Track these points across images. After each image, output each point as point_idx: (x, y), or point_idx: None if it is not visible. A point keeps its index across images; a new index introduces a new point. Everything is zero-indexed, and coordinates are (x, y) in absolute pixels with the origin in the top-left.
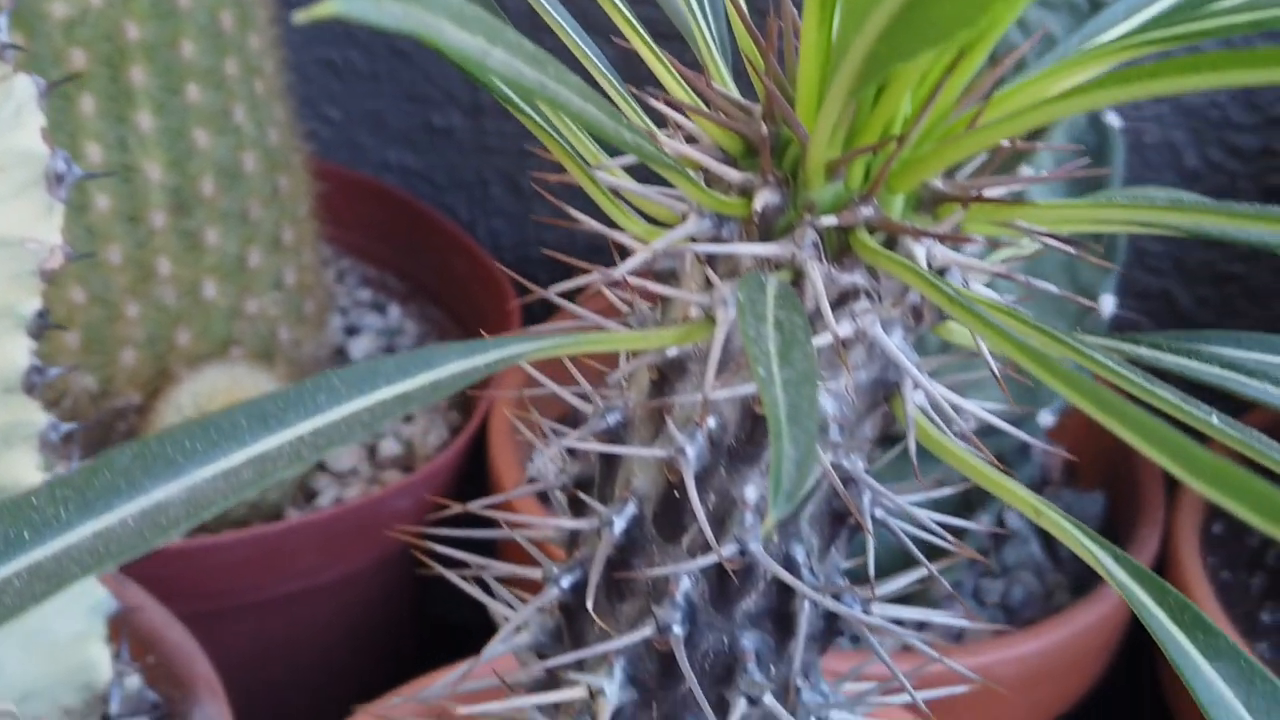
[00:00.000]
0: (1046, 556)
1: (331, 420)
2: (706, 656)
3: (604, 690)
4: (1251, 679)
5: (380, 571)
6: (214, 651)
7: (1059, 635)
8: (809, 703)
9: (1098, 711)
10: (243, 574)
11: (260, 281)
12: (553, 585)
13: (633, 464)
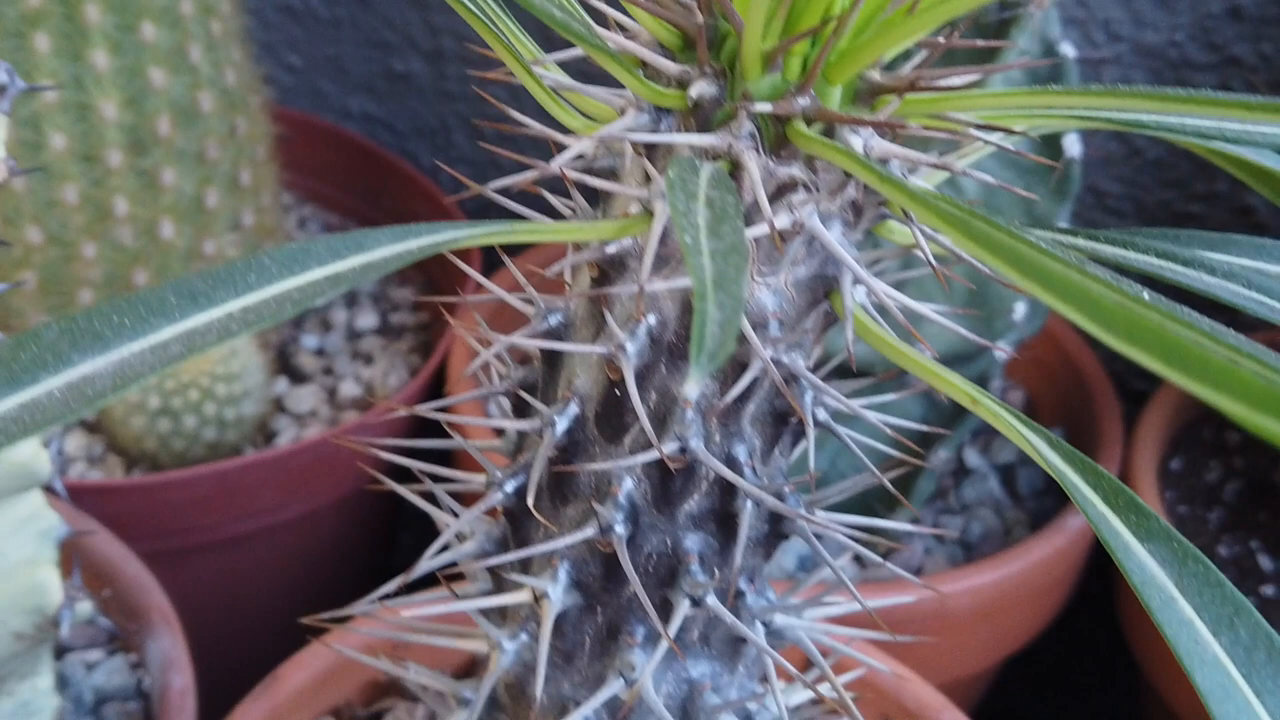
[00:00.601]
0: (1005, 494)
1: (262, 299)
2: (650, 558)
3: (548, 593)
4: (1184, 560)
5: (341, 510)
6: (177, 590)
7: (1015, 567)
8: (753, 606)
9: (1056, 648)
10: (204, 511)
11: (218, 222)
12: (496, 490)
13: (574, 365)
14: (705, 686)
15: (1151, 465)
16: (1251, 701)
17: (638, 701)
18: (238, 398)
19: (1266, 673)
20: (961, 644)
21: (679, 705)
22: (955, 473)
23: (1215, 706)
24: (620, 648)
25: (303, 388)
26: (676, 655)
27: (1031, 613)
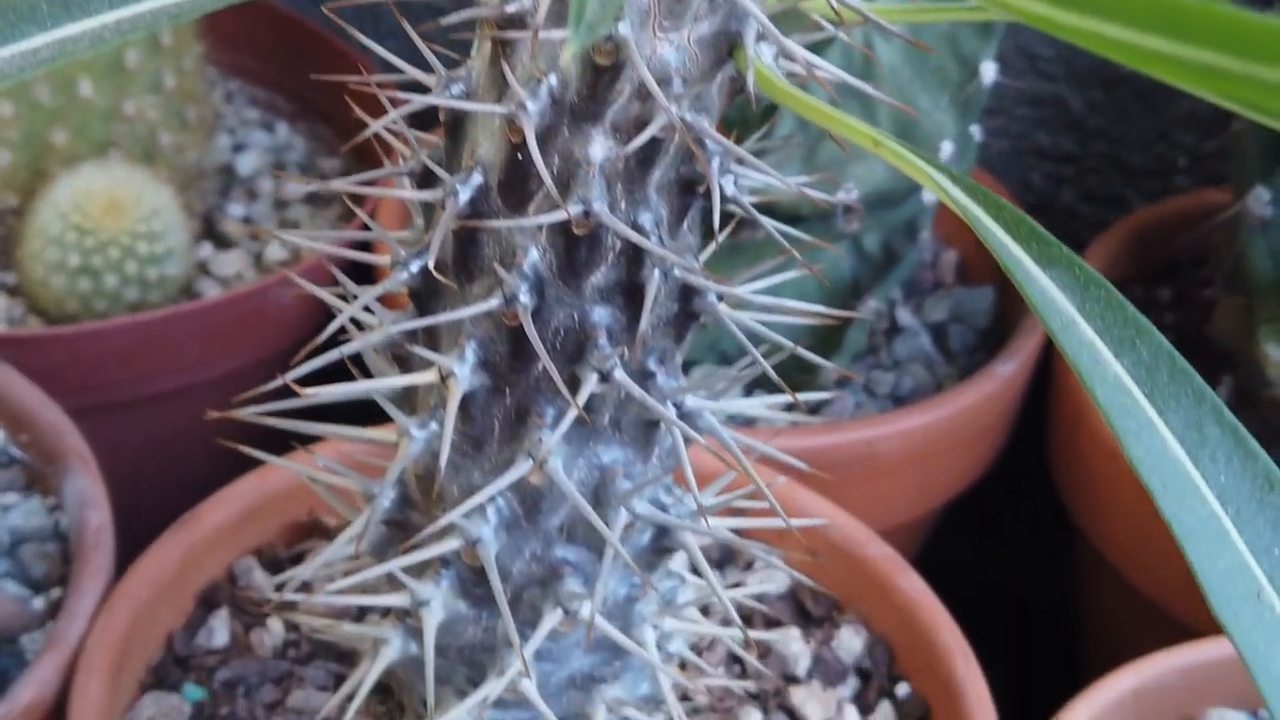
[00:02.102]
0: (937, 350)
1: (138, 11)
2: (557, 334)
3: (454, 372)
4: (1085, 285)
5: (268, 369)
6: (100, 449)
7: (944, 412)
8: (664, 386)
9: (987, 499)
10: (126, 365)
11: (138, 82)
12: (400, 269)
13: (477, 134)
14: (617, 473)
15: None
16: (1153, 419)
17: (548, 485)
18: (160, 257)
19: (1169, 391)
20: (892, 490)
21: (591, 492)
22: (888, 331)
23: (1117, 422)
24: (529, 429)
25: (228, 252)
26: (587, 439)
27: (963, 461)
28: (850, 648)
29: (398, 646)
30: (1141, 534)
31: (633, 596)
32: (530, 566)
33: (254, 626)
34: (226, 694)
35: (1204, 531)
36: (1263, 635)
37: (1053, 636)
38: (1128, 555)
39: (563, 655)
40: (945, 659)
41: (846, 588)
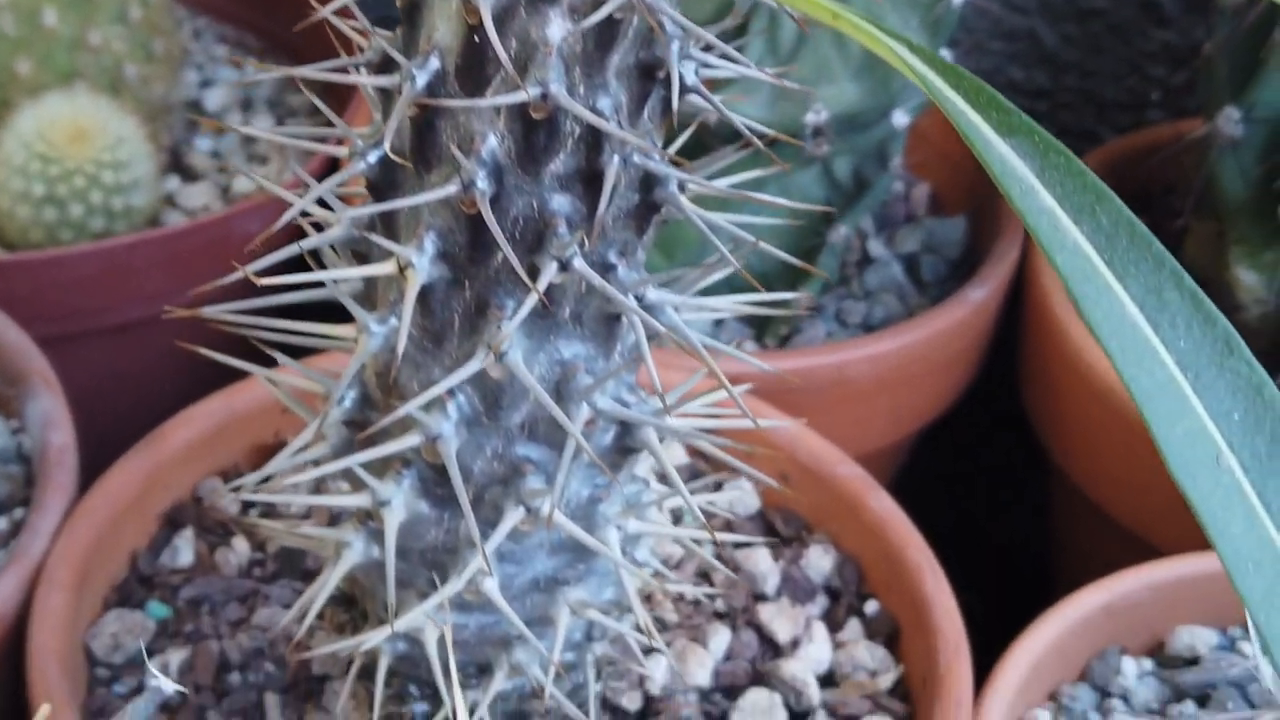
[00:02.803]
0: (909, 280)
1: None
2: (516, 223)
3: (413, 263)
4: (1045, 152)
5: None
6: (66, 380)
7: (914, 336)
8: (624, 279)
9: (958, 427)
10: (90, 294)
11: (103, 12)
12: (358, 159)
13: (434, 18)
14: (578, 368)
15: None
16: (1112, 284)
17: (509, 379)
18: (125, 187)
19: (1128, 257)
20: (864, 416)
21: (552, 387)
22: (859, 262)
23: (1076, 288)
24: (489, 323)
25: (195, 185)
26: (548, 334)
27: (934, 387)
28: (819, 567)
29: (359, 550)
30: (1113, 460)
31: (596, 497)
32: (492, 465)
33: (219, 546)
34: (191, 611)
35: (1163, 395)
36: (1221, 499)
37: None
38: (1099, 481)
39: (525, 557)
40: (914, 575)
41: (816, 508)
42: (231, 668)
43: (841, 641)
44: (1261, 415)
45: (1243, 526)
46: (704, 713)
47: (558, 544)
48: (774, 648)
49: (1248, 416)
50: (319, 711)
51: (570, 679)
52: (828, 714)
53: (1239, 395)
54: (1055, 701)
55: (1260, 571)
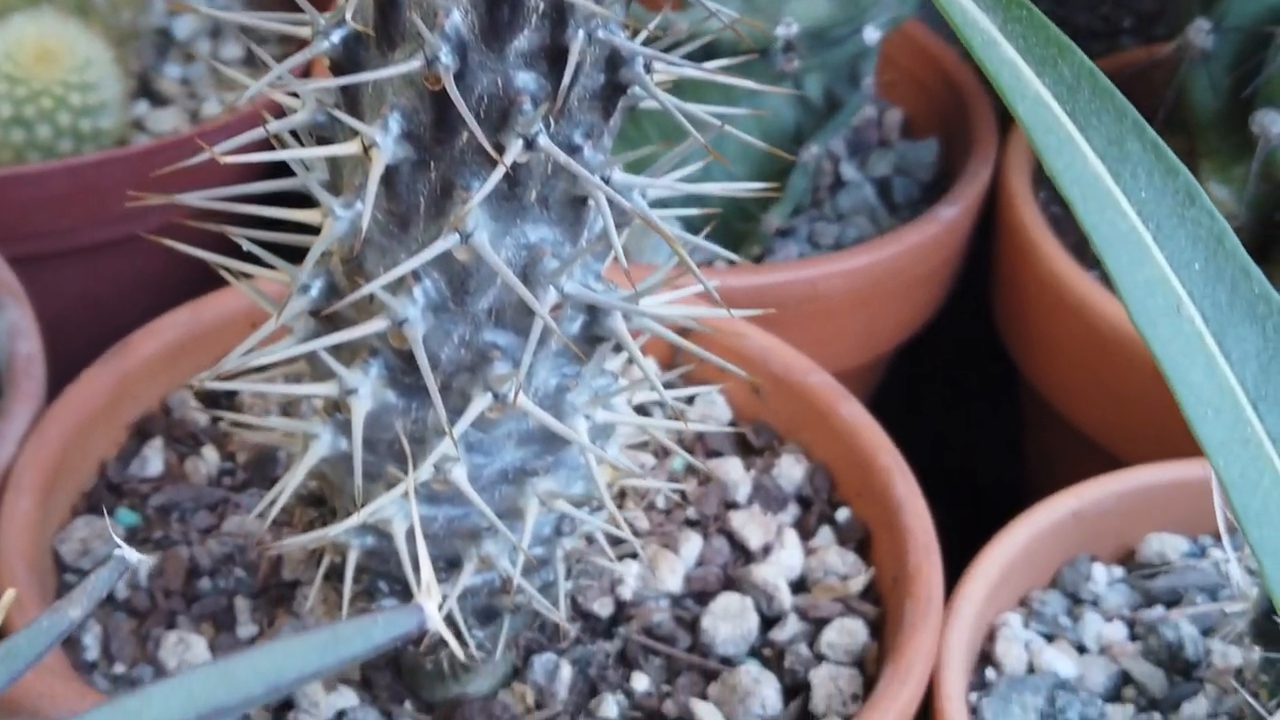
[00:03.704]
0: (881, 202)
1: None
2: (481, 101)
3: (377, 142)
4: (1008, 6)
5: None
6: (35, 303)
7: (887, 252)
8: (590, 160)
9: (932, 348)
10: (58, 214)
11: None
12: (321, 39)
13: None
14: (545, 252)
15: (1026, 170)
16: (1074, 135)
17: (476, 263)
18: (94, 109)
19: (1090, 109)
20: (837, 333)
21: (519, 271)
22: (831, 185)
23: (1038, 139)
24: (455, 204)
25: (164, 110)
26: (514, 218)
27: (907, 306)
28: (791, 476)
29: (327, 442)
30: (1084, 376)
31: (564, 386)
32: (459, 352)
33: (188, 456)
34: (160, 519)
35: (1124, 244)
36: (1181, 347)
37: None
38: (1071, 397)
39: (494, 448)
40: (884, 480)
41: (788, 418)
42: (201, 573)
43: (813, 548)
44: (1223, 266)
45: (1203, 374)
46: (675, 618)
47: (526, 434)
48: (745, 554)
49: (1209, 267)
50: (289, 616)
51: (540, 576)
52: (799, 617)
53: (1200, 245)
54: (1026, 607)
55: (1219, 418)
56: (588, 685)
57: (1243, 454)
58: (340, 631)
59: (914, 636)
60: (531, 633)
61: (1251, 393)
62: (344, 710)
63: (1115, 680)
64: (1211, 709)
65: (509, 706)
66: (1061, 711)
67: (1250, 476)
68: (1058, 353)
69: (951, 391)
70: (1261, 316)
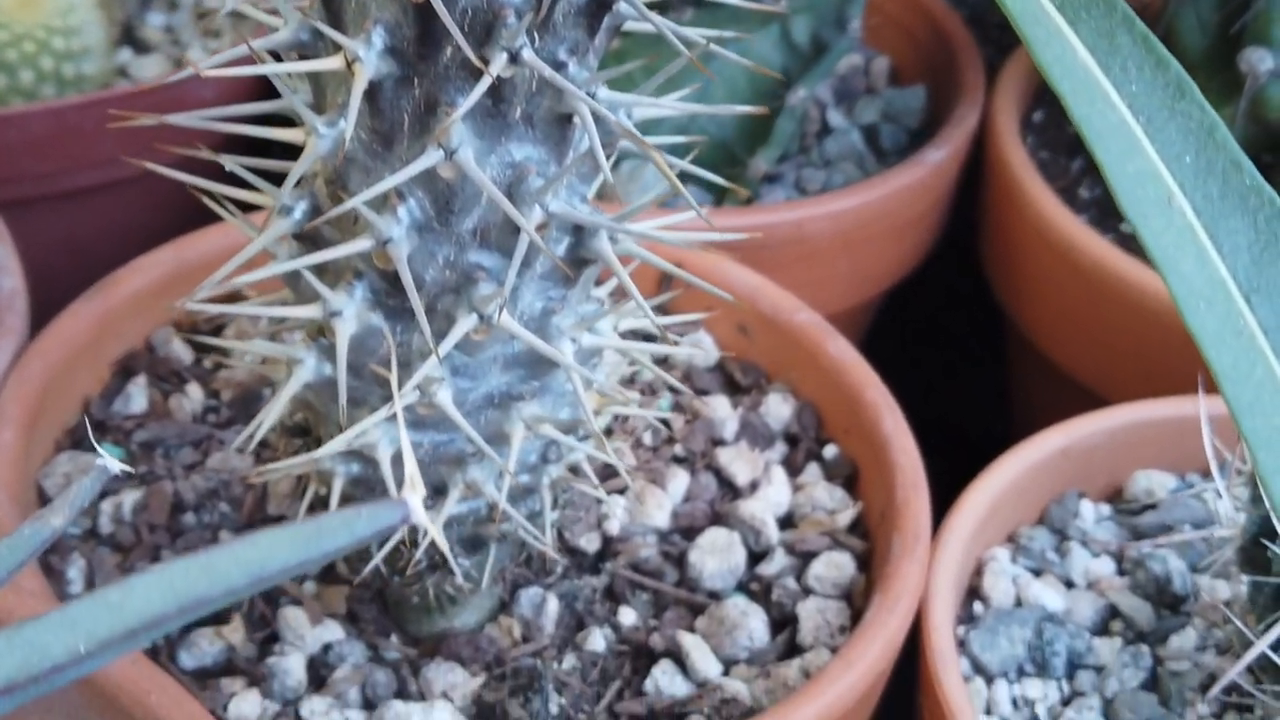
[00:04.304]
0: (868, 148)
1: None
2: (465, 14)
3: (360, 56)
4: None
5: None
6: (20, 249)
7: (874, 194)
8: (575, 76)
9: (919, 293)
10: (41, 157)
11: None
12: None
13: None
14: (530, 170)
15: (1014, 117)
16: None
17: (460, 181)
18: (77, 54)
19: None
20: (824, 277)
21: (504, 190)
22: (819, 132)
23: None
24: (439, 121)
25: (148, 57)
26: (499, 135)
27: (894, 250)
28: (778, 414)
29: (311, 367)
30: (1072, 318)
31: (550, 309)
32: (444, 273)
33: (172, 394)
34: (145, 454)
35: (1115, 137)
36: (1173, 239)
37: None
38: (1058, 341)
39: (479, 372)
40: (872, 415)
41: (775, 357)
42: (186, 508)
43: (800, 484)
44: (1213, 158)
45: (1194, 266)
46: (663, 553)
47: (511, 359)
48: (733, 490)
49: (1199, 160)
50: None
51: (526, 504)
52: (786, 552)
53: (1191, 138)
54: (1013, 543)
55: (1211, 309)
56: (574, 619)
57: (1235, 345)
58: (324, 524)
59: (902, 568)
60: (518, 568)
61: (1243, 285)
62: (330, 643)
63: (1103, 614)
64: (1199, 642)
65: (495, 640)
66: (1049, 644)
67: (1242, 368)
68: (1045, 297)
69: (939, 340)
70: (1253, 209)
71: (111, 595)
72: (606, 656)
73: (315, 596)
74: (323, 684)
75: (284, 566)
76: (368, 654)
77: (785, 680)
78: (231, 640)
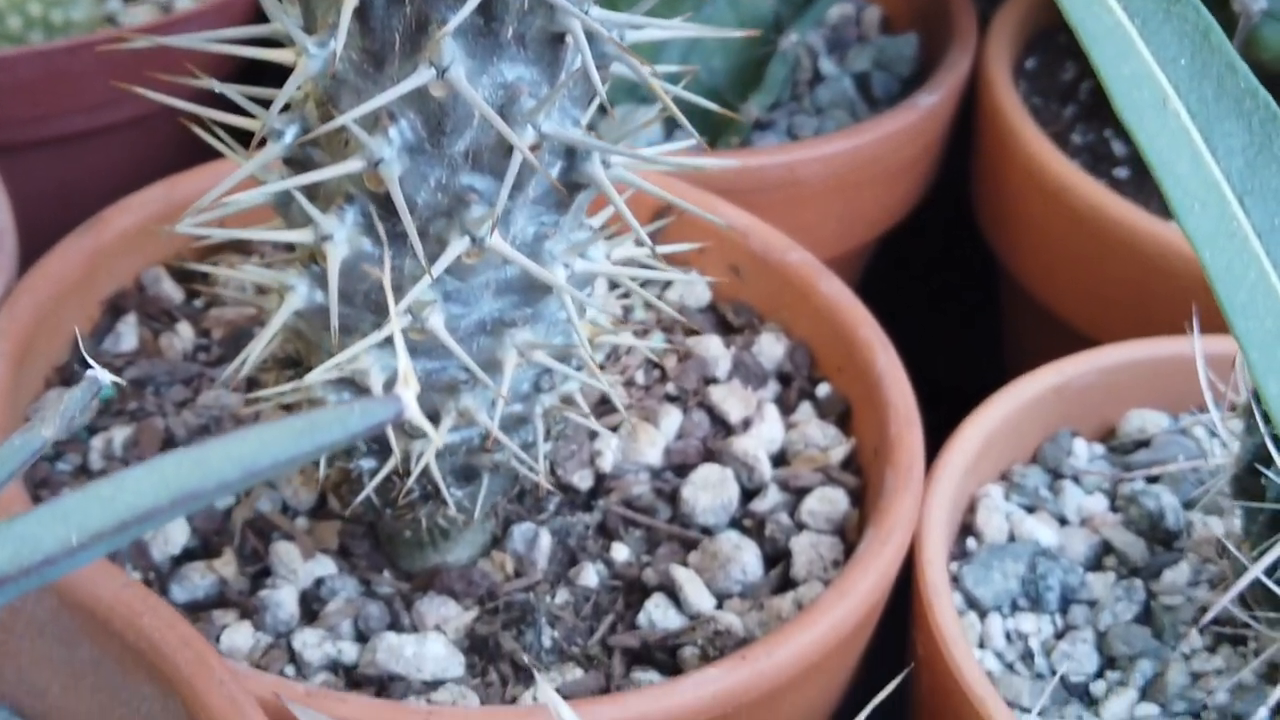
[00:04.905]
0: (860, 96)
1: None
2: None
3: None
4: None
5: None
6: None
7: (866, 138)
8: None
9: (912, 241)
10: (29, 101)
11: None
12: None
13: None
14: (522, 90)
15: (1006, 63)
16: None
17: (452, 100)
18: (65, 0)
19: None
20: (816, 220)
21: (496, 110)
22: (811, 80)
23: None
24: (430, 41)
25: (136, 6)
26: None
27: (886, 195)
28: (771, 354)
29: (303, 294)
30: (1063, 261)
31: (542, 234)
32: (435, 196)
33: (163, 332)
34: (136, 391)
35: (1110, 39)
36: (1168, 141)
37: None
38: (1050, 284)
39: (471, 298)
40: (865, 354)
41: (768, 297)
42: (176, 444)
43: (793, 422)
44: (1209, 61)
45: (1189, 168)
46: (655, 490)
47: (504, 284)
48: (725, 427)
49: (1194, 62)
50: (266, 486)
51: (519, 435)
52: (779, 488)
53: (1185, 41)
54: (1007, 480)
55: (1206, 211)
56: (567, 555)
57: (1229, 247)
58: (318, 419)
59: (895, 501)
60: (511, 504)
61: (1237, 187)
62: (322, 578)
63: (1096, 550)
64: (1192, 577)
65: (488, 574)
66: (1042, 578)
67: (1236, 270)
68: (1038, 242)
69: (931, 287)
70: (1248, 111)
71: (103, 489)
72: (599, 591)
73: (307, 531)
74: (315, 617)
75: (277, 460)
76: (360, 589)
77: (779, 612)
78: (223, 574)
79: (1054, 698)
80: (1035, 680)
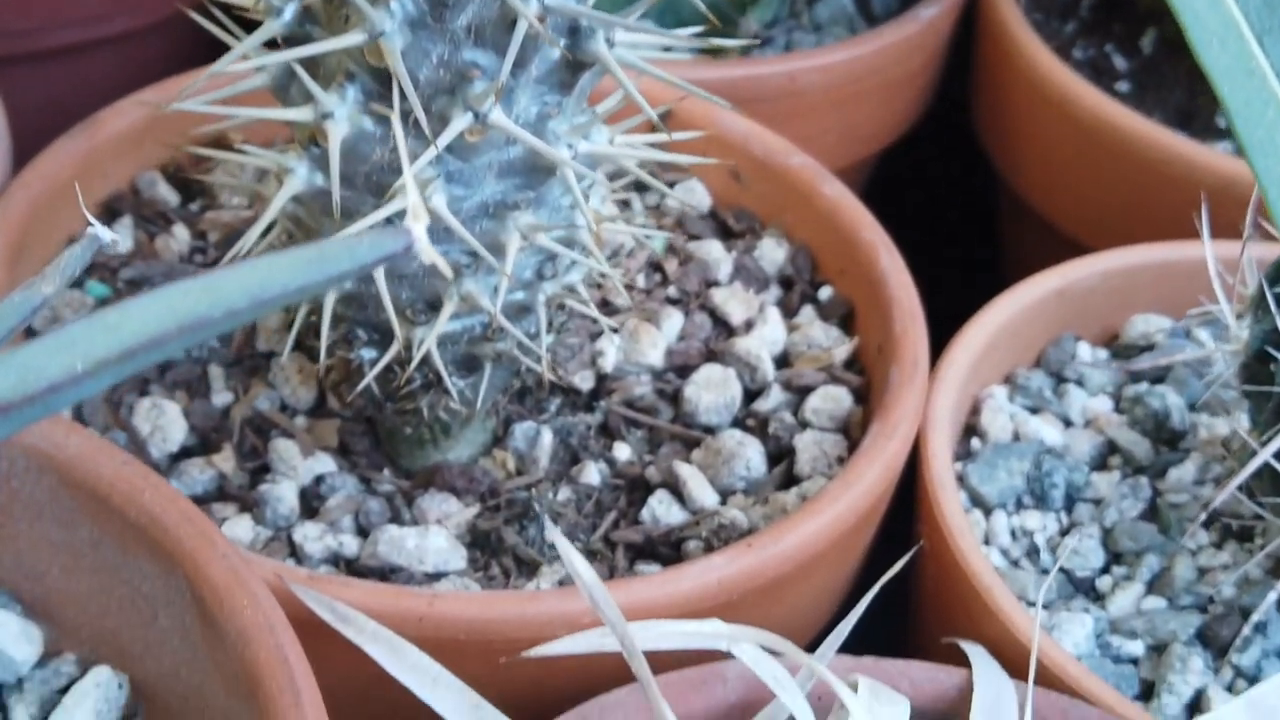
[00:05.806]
0: (859, 13)
1: None
2: None
3: None
4: None
5: (171, 29)
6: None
7: (866, 49)
8: None
9: (913, 155)
10: (19, 13)
11: None
12: None
13: None
14: None
15: None
16: None
17: None
18: None
19: None
20: (816, 132)
21: None
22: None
23: None
24: None
25: None
26: None
27: (885, 108)
28: (773, 258)
29: (303, 176)
30: (1065, 173)
31: (545, 114)
32: (438, 72)
33: (159, 234)
34: (131, 291)
35: None
36: None
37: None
38: (1051, 196)
39: (474, 179)
40: (868, 254)
41: (769, 202)
42: None
43: (796, 325)
44: None
45: (1206, 5)
46: (657, 390)
47: (506, 166)
48: (727, 329)
49: None
50: (264, 385)
51: (521, 325)
52: (782, 388)
53: None
54: (1011, 383)
55: (1225, 48)
56: (569, 454)
57: (1247, 85)
58: (326, 249)
59: (901, 395)
60: (511, 404)
61: (1255, 26)
62: (322, 475)
63: (1101, 450)
64: (1198, 475)
65: (489, 472)
66: (1047, 475)
67: (1255, 107)
68: (1040, 154)
69: (933, 202)
70: None
71: (109, 316)
72: (602, 489)
73: (307, 430)
74: (315, 513)
75: (285, 289)
76: (360, 486)
77: (783, 506)
78: (222, 469)
79: (1060, 592)
80: (1040, 575)
